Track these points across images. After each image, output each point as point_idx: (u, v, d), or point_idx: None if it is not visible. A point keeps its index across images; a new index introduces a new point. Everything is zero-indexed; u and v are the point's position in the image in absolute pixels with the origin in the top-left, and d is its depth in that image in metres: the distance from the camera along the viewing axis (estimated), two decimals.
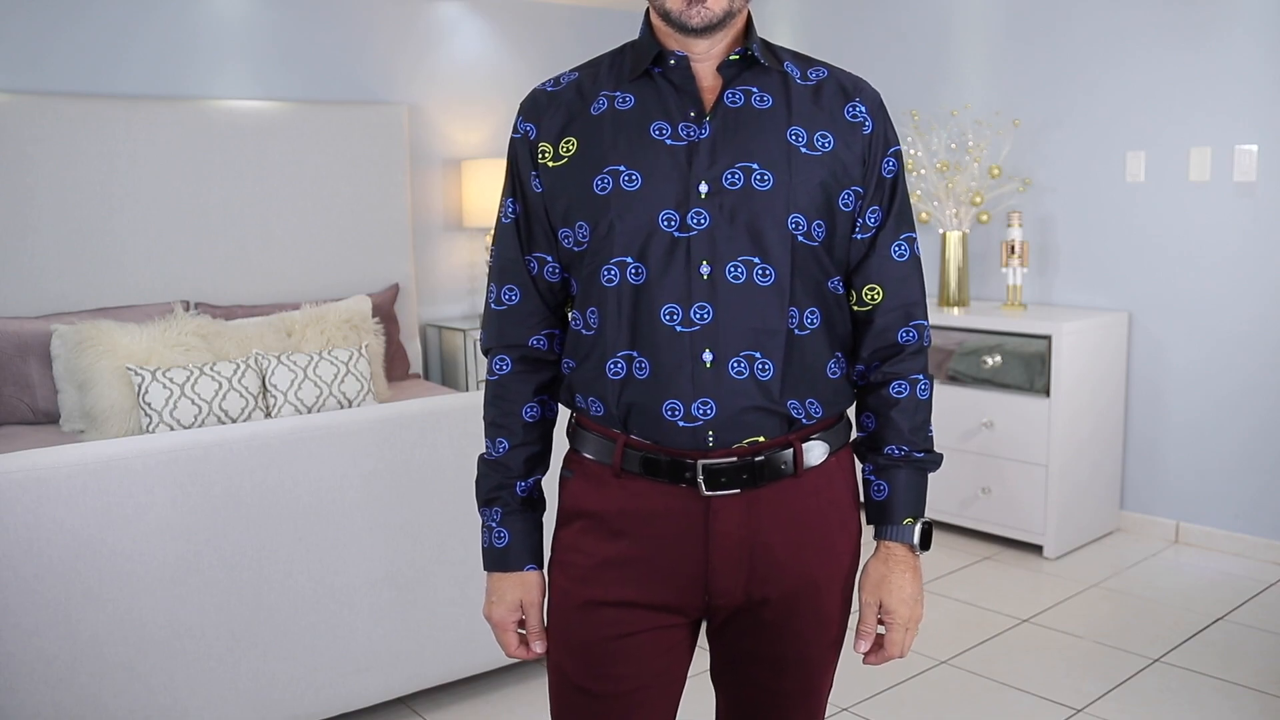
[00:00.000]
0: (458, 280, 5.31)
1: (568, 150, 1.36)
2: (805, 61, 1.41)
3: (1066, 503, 3.79)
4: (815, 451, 1.38)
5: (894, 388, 1.41)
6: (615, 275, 1.33)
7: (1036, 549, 3.87)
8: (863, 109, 1.39)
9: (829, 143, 1.35)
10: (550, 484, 1.55)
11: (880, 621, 1.41)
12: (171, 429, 3.41)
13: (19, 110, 3.90)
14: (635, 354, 1.32)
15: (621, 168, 1.32)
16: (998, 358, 3.85)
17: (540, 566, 1.46)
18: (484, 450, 1.46)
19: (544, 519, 1.50)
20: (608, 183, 1.32)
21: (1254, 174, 3.61)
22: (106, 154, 4.08)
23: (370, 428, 2.57)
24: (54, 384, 3.78)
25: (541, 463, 1.48)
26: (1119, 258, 3.99)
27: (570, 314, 1.41)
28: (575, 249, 1.37)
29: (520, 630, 1.46)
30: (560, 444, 1.48)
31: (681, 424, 1.31)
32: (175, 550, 2.33)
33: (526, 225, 1.42)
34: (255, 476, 2.42)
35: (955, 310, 4.12)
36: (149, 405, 3.42)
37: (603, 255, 1.33)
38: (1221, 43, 3.65)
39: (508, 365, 1.45)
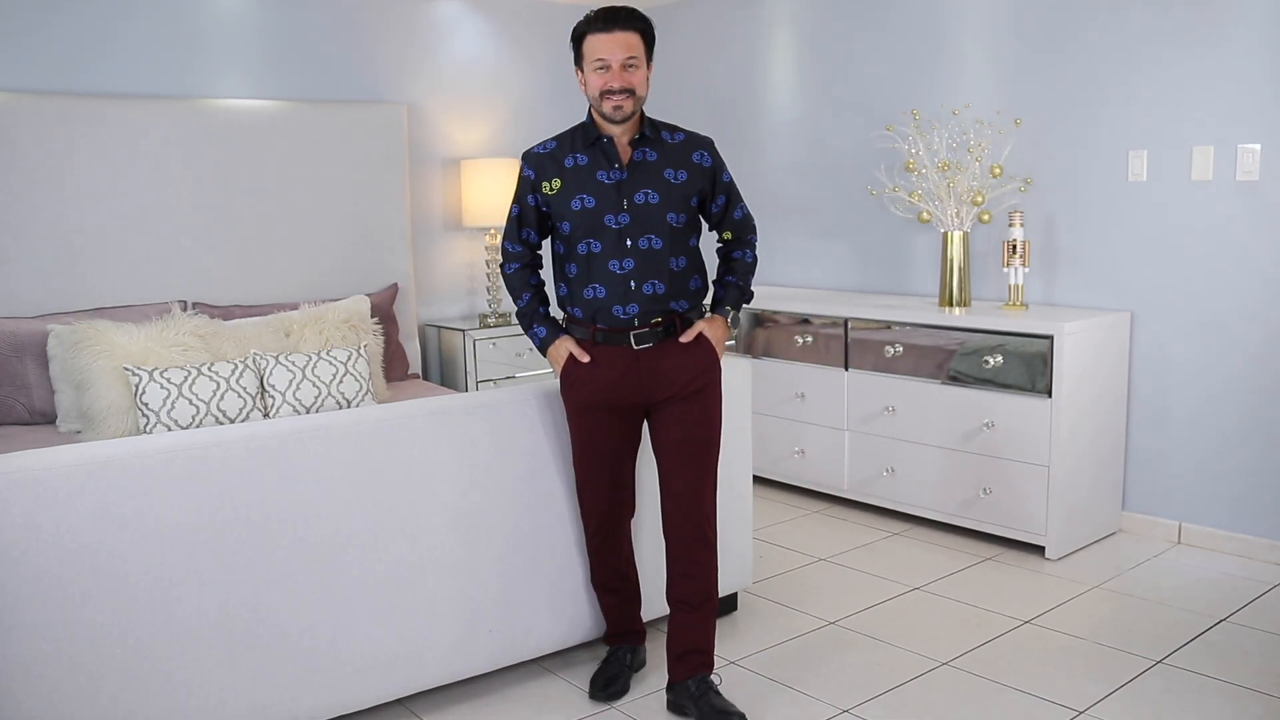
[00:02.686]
0: (457, 280, 5.30)
1: (556, 186, 2.63)
2: (672, 129, 2.69)
3: (1068, 503, 3.78)
4: (685, 323, 2.68)
5: (735, 254, 2.80)
6: (584, 248, 2.62)
7: (1038, 550, 3.85)
8: (706, 154, 2.69)
9: (684, 175, 2.65)
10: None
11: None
12: (169, 429, 3.40)
13: (17, 109, 3.89)
14: (597, 285, 2.62)
15: (584, 195, 2.61)
16: (999, 358, 3.83)
17: (564, 334, 2.70)
18: (517, 304, 2.76)
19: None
20: (578, 203, 2.61)
21: (1257, 173, 3.59)
22: (105, 153, 4.07)
23: (369, 428, 2.56)
24: (51, 384, 3.76)
25: (545, 302, 2.77)
26: (1121, 257, 3.98)
27: (566, 266, 2.67)
28: (564, 233, 2.65)
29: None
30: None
31: (621, 316, 2.61)
32: (173, 551, 2.32)
33: (524, 218, 2.73)
34: (253, 477, 2.40)
35: (956, 310, 4.11)
36: (146, 405, 3.41)
37: (577, 237, 2.63)
38: (1224, 41, 3.63)
39: (516, 266, 2.77)
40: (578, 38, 2.59)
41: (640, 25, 2.58)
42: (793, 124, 5.11)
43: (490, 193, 5.02)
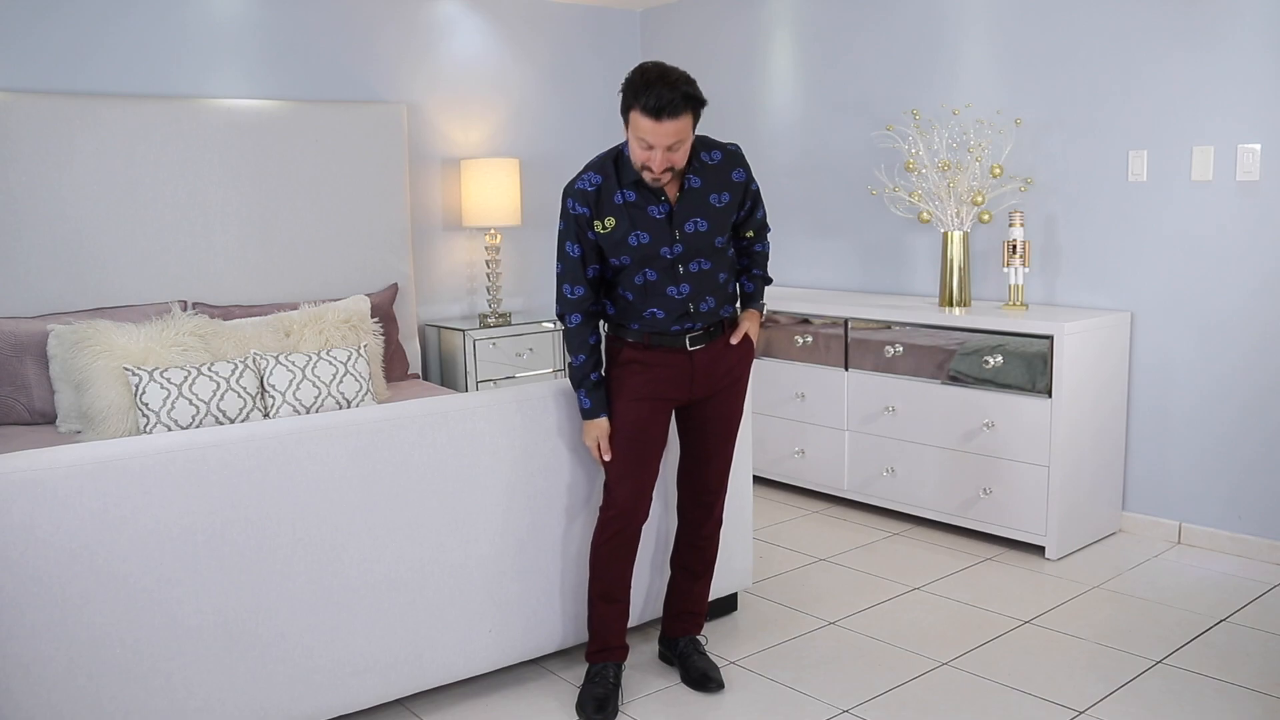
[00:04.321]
0: (457, 280, 5.30)
1: (610, 225, 2.64)
2: (709, 147, 2.71)
3: (1068, 503, 3.78)
4: (730, 322, 2.82)
5: (756, 246, 2.90)
6: (640, 279, 2.68)
7: (1038, 550, 3.85)
8: (740, 170, 2.75)
9: (727, 196, 2.71)
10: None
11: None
12: (169, 429, 3.40)
13: (16, 109, 3.89)
14: (655, 309, 2.69)
15: (639, 232, 2.64)
16: (999, 358, 3.83)
17: (607, 415, 2.74)
18: (571, 360, 2.74)
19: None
20: (634, 239, 2.64)
21: (1257, 173, 3.59)
22: (104, 153, 4.07)
23: (369, 428, 2.56)
24: (50, 384, 3.76)
25: (599, 365, 2.75)
26: (1121, 257, 3.98)
27: (622, 292, 2.71)
28: (619, 267, 2.68)
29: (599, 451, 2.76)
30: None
31: (678, 330, 2.71)
32: (173, 551, 2.32)
33: (586, 257, 2.69)
34: (253, 477, 2.40)
35: (957, 310, 4.11)
36: (146, 406, 3.41)
37: (634, 269, 2.67)
38: (1224, 41, 3.63)
39: (578, 319, 2.73)
40: (626, 104, 2.49)
41: (690, 108, 2.48)
42: (793, 124, 5.11)
43: (490, 193, 5.02)
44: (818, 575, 3.69)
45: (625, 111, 2.51)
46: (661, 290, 2.66)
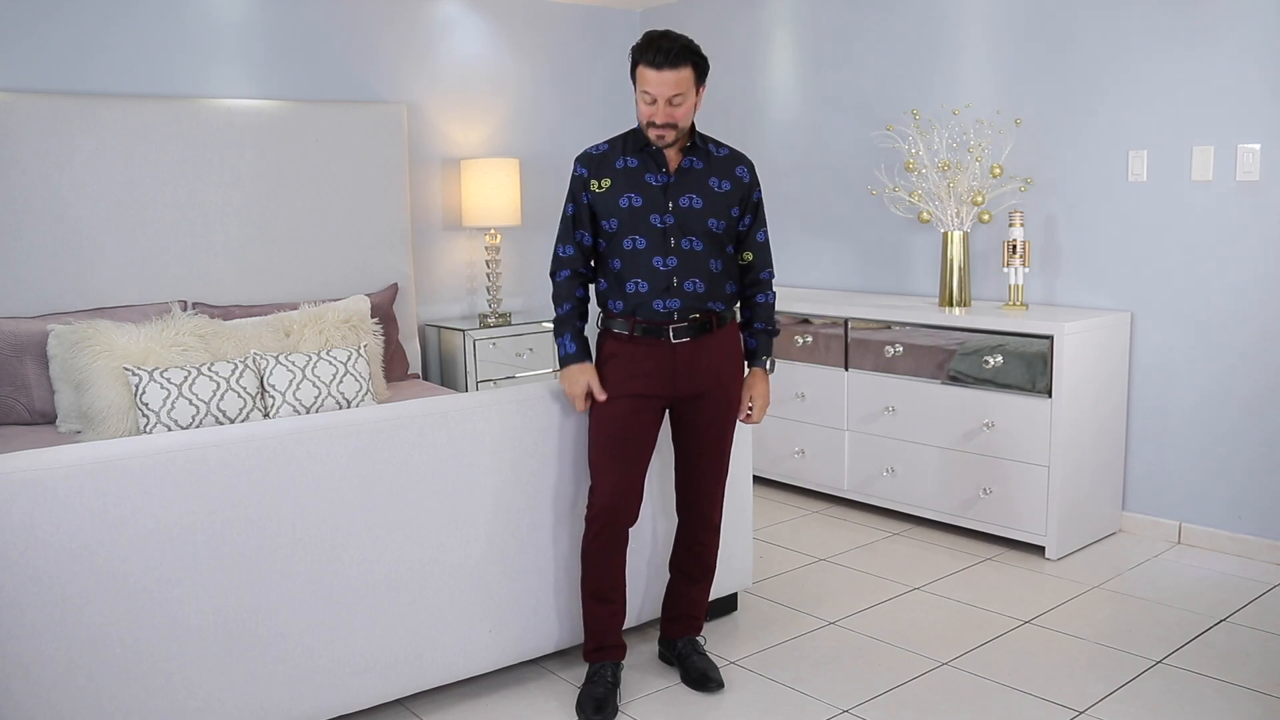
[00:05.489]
0: (457, 280, 5.30)
1: (606, 185, 2.74)
2: (717, 144, 2.82)
3: (1068, 503, 3.78)
4: (720, 321, 2.79)
5: (757, 297, 2.89)
6: (630, 244, 2.72)
7: (1038, 550, 3.85)
8: (745, 169, 2.82)
9: (728, 185, 2.77)
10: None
11: (750, 408, 2.88)
12: (169, 430, 3.40)
13: (16, 109, 3.89)
14: (639, 280, 2.72)
15: (632, 194, 2.72)
16: (999, 358, 3.83)
17: (591, 361, 2.80)
18: (556, 311, 2.81)
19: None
20: (626, 202, 2.72)
21: (1257, 173, 3.59)
22: (104, 153, 4.07)
23: (369, 428, 2.56)
24: (50, 384, 3.76)
25: (584, 317, 2.83)
26: (1121, 257, 3.98)
27: (610, 261, 2.76)
28: (609, 230, 2.75)
29: (585, 399, 2.79)
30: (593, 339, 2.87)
31: (661, 310, 2.71)
32: (173, 551, 2.32)
33: (579, 218, 2.79)
34: (253, 477, 2.40)
35: (957, 310, 4.11)
36: (146, 406, 3.41)
37: (623, 234, 2.73)
38: (1224, 41, 3.63)
39: (567, 274, 2.81)
40: (633, 63, 2.65)
41: (691, 60, 2.62)
42: (793, 124, 5.11)
43: (490, 193, 5.02)
44: (818, 575, 3.69)
45: (633, 70, 2.65)
46: (648, 260, 2.69)
